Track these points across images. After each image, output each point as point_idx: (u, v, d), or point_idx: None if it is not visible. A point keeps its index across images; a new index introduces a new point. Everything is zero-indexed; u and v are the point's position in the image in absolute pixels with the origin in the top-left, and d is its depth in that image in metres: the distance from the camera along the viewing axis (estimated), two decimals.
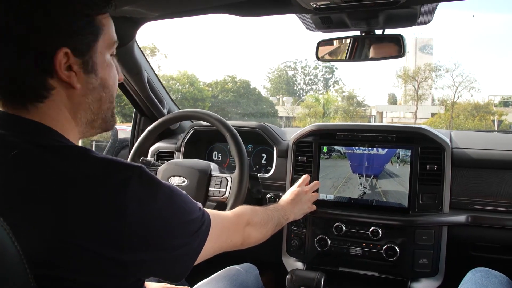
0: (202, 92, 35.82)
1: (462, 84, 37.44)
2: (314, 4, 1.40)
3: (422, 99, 40.27)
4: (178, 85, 35.40)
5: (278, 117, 42.08)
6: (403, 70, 42.14)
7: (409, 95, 42.30)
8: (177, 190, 0.88)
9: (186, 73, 36.14)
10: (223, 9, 1.60)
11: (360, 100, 45.32)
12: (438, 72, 39.24)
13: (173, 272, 0.89)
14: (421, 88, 39.28)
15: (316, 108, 38.72)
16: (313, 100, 40.62)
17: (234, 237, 1.13)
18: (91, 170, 0.75)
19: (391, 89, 74.68)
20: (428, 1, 1.42)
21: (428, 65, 39.87)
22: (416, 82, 38.93)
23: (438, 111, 37.93)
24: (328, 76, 50.48)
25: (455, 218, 1.61)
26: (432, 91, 42.20)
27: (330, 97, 42.17)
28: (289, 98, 45.40)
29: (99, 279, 0.74)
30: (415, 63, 46.64)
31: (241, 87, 40.46)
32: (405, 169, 1.65)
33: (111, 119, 0.95)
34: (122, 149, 2.55)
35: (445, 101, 39.38)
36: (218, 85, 40.11)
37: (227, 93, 39.34)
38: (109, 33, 0.88)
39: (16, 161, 0.74)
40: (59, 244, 0.70)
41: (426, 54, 50.00)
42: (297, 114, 40.44)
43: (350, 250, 1.70)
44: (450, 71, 38.20)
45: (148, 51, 36.35)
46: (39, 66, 0.79)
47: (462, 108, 35.06)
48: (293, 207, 1.53)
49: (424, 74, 39.27)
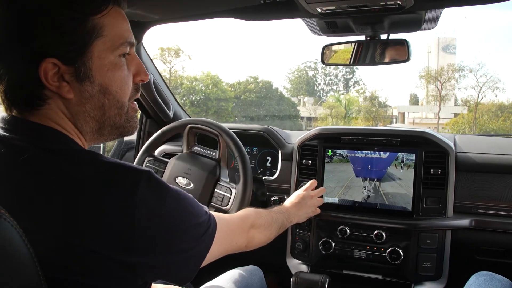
0: (225, 93, 35.99)
1: (486, 84, 36.95)
2: (320, 9, 1.41)
3: (445, 100, 39.82)
4: (201, 86, 35.53)
5: (300, 117, 42.06)
6: (426, 70, 41.79)
7: (431, 96, 41.88)
8: (184, 194, 0.88)
9: (209, 74, 36.29)
10: (229, 14, 1.62)
11: (383, 100, 44.95)
12: (462, 72, 38.80)
13: (180, 274, 0.89)
14: (444, 88, 38.76)
15: (338, 109, 38.82)
16: (334, 101, 40.57)
17: (239, 239, 1.14)
18: (100, 175, 0.76)
19: (413, 89, 74.10)
20: (433, 6, 1.43)
21: (451, 65, 39.40)
22: (439, 83, 38.49)
23: (461, 112, 37.43)
24: (348, 77, 50.07)
25: (459, 222, 1.61)
26: (455, 92, 41.74)
27: (351, 97, 42.11)
28: (310, 99, 45.19)
29: (107, 282, 0.75)
30: (437, 63, 46.19)
31: (264, 87, 40.43)
32: (409, 173, 1.65)
33: (127, 125, 0.90)
34: (128, 151, 2.56)
35: (468, 102, 38.92)
36: (240, 85, 40.07)
37: (249, 94, 39.25)
38: (113, 34, 0.82)
39: (26, 165, 0.74)
40: (69, 248, 0.71)
41: (449, 53, 49.33)
42: (319, 114, 40.43)
43: (354, 253, 1.71)
44: (474, 71, 37.66)
45: (173, 52, 36.40)
46: (29, 77, 0.77)
47: (486, 109, 34.62)
48: (298, 210, 1.53)
49: (447, 75, 38.80)
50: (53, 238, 0.71)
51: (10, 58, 0.78)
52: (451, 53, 49.71)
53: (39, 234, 0.70)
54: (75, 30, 0.77)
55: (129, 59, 0.88)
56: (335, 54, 1.74)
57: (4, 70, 0.79)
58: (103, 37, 0.80)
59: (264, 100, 39.54)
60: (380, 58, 1.65)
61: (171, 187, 0.84)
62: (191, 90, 35.79)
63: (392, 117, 44.97)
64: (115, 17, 0.83)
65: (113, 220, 0.73)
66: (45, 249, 0.69)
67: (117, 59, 0.84)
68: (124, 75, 0.86)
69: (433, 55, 49.93)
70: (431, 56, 50.40)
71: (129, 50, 0.87)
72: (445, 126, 34.35)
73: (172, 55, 36.25)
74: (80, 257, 0.72)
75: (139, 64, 0.91)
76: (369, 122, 36.99)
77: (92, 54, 0.80)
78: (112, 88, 0.84)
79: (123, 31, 0.85)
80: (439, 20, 1.59)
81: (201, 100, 35.48)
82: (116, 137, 0.93)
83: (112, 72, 0.83)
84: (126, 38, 0.85)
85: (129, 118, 0.91)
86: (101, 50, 0.81)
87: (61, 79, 0.79)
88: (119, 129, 0.90)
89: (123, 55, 0.85)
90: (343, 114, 38.22)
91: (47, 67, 0.77)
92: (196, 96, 35.99)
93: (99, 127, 0.87)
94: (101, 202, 0.73)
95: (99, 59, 0.81)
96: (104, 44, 0.81)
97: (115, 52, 0.83)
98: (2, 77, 0.79)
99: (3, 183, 0.75)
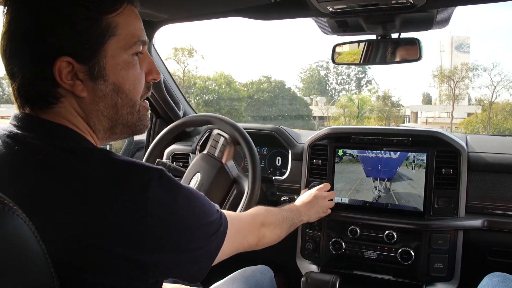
0: (238, 92, 36.34)
1: (500, 84, 36.75)
2: (331, 8, 1.41)
3: (459, 99, 39.68)
4: (214, 85, 35.82)
5: (312, 117, 42.15)
6: (439, 70, 41.64)
7: (445, 95, 41.77)
8: (196, 193, 0.88)
9: (222, 74, 36.67)
10: (239, 13, 1.62)
11: (395, 100, 44.93)
12: (476, 71, 38.59)
13: (191, 273, 0.89)
14: (458, 87, 38.63)
15: (350, 108, 38.93)
16: (347, 100, 40.62)
17: (250, 237, 1.13)
18: (113, 173, 0.76)
19: (426, 89, 73.90)
20: (445, 4, 1.42)
21: (465, 65, 39.20)
22: (452, 82, 38.36)
23: (475, 111, 37.30)
24: (360, 76, 50.01)
25: (471, 223, 1.60)
26: (469, 91, 41.63)
27: (364, 97, 42.15)
28: (322, 98, 45.30)
29: (119, 280, 0.75)
30: (451, 62, 46.02)
31: (276, 87, 40.66)
32: (420, 172, 1.64)
33: (139, 123, 0.91)
34: (138, 151, 2.58)
35: (482, 101, 38.76)
36: (253, 85, 40.33)
37: (262, 93, 39.52)
38: (127, 32, 0.82)
39: (39, 163, 0.75)
40: (81, 246, 0.71)
41: (463, 52, 49.10)
42: (331, 114, 40.56)
43: (364, 253, 1.70)
44: (488, 70, 37.45)
45: (186, 52, 36.78)
46: (43, 75, 0.78)
47: (501, 108, 34.40)
48: (309, 210, 1.53)
49: (461, 74, 38.64)
50: (65, 236, 0.71)
51: (24, 56, 0.78)
52: (465, 52, 49.50)
53: (52, 232, 0.70)
54: (89, 29, 0.78)
55: (141, 58, 0.88)
56: (346, 53, 1.73)
57: (17, 68, 0.79)
58: (117, 35, 0.81)
59: (277, 99, 39.74)
60: (391, 57, 1.64)
61: (183, 185, 0.84)
62: (204, 90, 36.12)
63: (405, 116, 44.91)
64: (128, 16, 0.83)
65: (125, 218, 0.73)
66: (57, 247, 0.69)
67: (130, 58, 0.84)
68: (137, 74, 0.86)
69: (446, 54, 49.74)
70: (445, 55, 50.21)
71: (142, 49, 0.87)
72: (458, 125, 34.24)
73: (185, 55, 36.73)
74: (92, 256, 0.72)
75: (151, 63, 0.91)
76: (382, 122, 37.07)
77: (106, 53, 0.80)
78: (125, 87, 0.84)
79: (137, 30, 0.85)
80: (451, 18, 1.58)
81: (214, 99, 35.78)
82: (128, 136, 0.93)
83: (125, 71, 0.84)
84: (139, 37, 0.85)
85: (141, 116, 0.91)
86: (115, 49, 0.81)
87: (75, 78, 0.79)
88: (131, 127, 0.90)
89: (136, 54, 0.86)
90: (355, 114, 38.30)
91: (61, 65, 0.77)
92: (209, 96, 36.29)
93: (112, 126, 0.87)
94: (113, 200, 0.73)
95: (112, 57, 0.81)
96: (118, 43, 0.81)
97: (128, 51, 0.83)
98: (15, 75, 0.80)
99: (16, 180, 0.75)
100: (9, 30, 0.78)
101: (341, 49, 1.73)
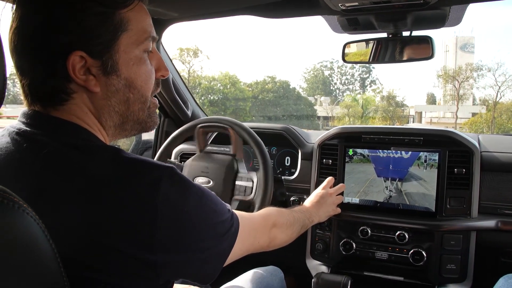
0: (243, 92, 36.62)
1: (505, 84, 36.97)
2: (342, 5, 1.39)
3: (463, 99, 39.89)
4: (220, 86, 36.06)
5: (316, 117, 42.30)
6: (443, 70, 41.84)
7: (449, 95, 41.92)
8: (207, 192, 0.87)
9: (227, 74, 36.91)
10: (249, 11, 1.60)
11: (400, 100, 45.08)
12: (480, 71, 38.82)
13: (202, 274, 0.87)
14: (462, 88, 38.90)
15: (355, 108, 39.09)
16: (351, 100, 40.78)
17: (261, 238, 1.12)
18: (122, 171, 0.75)
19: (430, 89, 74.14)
20: (458, 2, 1.40)
21: (470, 65, 39.39)
22: (457, 82, 38.54)
23: (479, 111, 37.48)
24: (364, 76, 50.14)
25: (484, 223, 1.57)
26: (473, 91, 41.87)
27: (368, 97, 42.28)
28: (326, 98, 45.58)
29: (129, 280, 0.74)
30: (455, 62, 46.13)
31: (281, 87, 40.85)
32: (432, 172, 1.62)
33: (149, 120, 0.91)
34: (146, 150, 2.57)
35: (486, 101, 38.92)
36: (258, 85, 40.55)
37: (267, 93, 39.73)
38: (138, 28, 0.83)
39: (47, 160, 0.74)
40: (91, 245, 0.70)
41: (467, 52, 49.12)
42: (336, 114, 40.76)
43: (375, 254, 1.68)
44: (493, 70, 37.78)
45: (191, 52, 37.04)
46: (56, 70, 0.77)
47: (505, 108, 34.56)
48: (318, 210, 1.51)
49: (465, 74, 38.87)
50: (74, 235, 0.70)
51: (36, 52, 0.78)
52: (470, 52, 49.47)
53: (61, 230, 0.69)
54: (102, 24, 0.78)
55: (150, 55, 0.88)
56: (356, 51, 1.71)
57: (28, 65, 0.79)
58: (128, 31, 0.81)
59: (281, 99, 39.93)
60: (402, 56, 1.62)
61: (194, 184, 0.83)
62: (209, 90, 36.39)
63: (409, 116, 44.90)
64: (139, 11, 0.84)
65: (135, 217, 0.72)
66: (66, 245, 0.68)
67: (141, 54, 0.85)
68: (148, 70, 0.87)
69: (451, 54, 49.75)
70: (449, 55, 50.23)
71: (152, 46, 0.88)
72: (463, 125, 34.32)
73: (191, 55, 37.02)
74: (102, 255, 0.71)
75: (159, 59, 0.92)
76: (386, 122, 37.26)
77: (119, 48, 0.80)
78: (137, 83, 0.85)
79: (147, 26, 0.85)
80: (463, 16, 1.55)
81: (219, 99, 36.02)
82: (138, 132, 0.93)
83: (137, 66, 0.84)
84: (150, 33, 0.86)
85: (151, 113, 0.91)
86: (127, 44, 0.82)
87: (87, 73, 0.79)
88: (141, 124, 0.90)
89: (146, 51, 0.86)
90: (360, 114, 38.38)
91: (74, 60, 0.77)
92: (215, 96, 36.54)
93: (122, 122, 0.87)
94: (123, 199, 0.72)
95: (125, 53, 0.82)
96: (129, 38, 0.82)
97: (140, 47, 0.84)
98: (26, 72, 0.79)
99: (26, 178, 0.74)
100: (19, 26, 0.77)
101: (351, 47, 1.71)
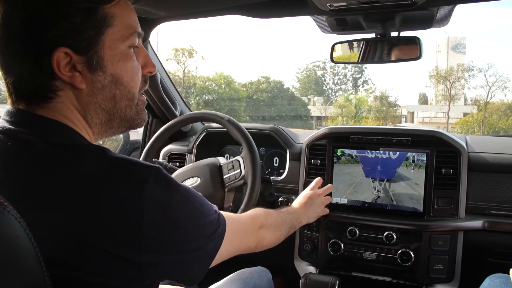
0: (238, 93, 36.69)
1: (495, 84, 37.24)
2: (331, 5, 1.39)
3: (455, 99, 40.16)
4: (214, 86, 36.17)
5: (310, 117, 42.45)
6: (435, 70, 42.25)
7: (441, 95, 42.27)
8: (194, 192, 0.86)
9: (222, 74, 36.96)
10: (237, 11, 1.60)
11: (393, 100, 45.25)
12: (471, 72, 39.15)
13: (188, 275, 0.87)
14: (454, 88, 39.23)
15: (348, 108, 39.37)
16: (344, 100, 41.07)
17: (249, 239, 1.11)
18: (108, 170, 0.74)
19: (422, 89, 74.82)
20: (445, 3, 1.40)
21: (461, 66, 39.71)
22: (448, 82, 38.93)
23: (470, 111, 37.91)
24: (357, 76, 50.02)
25: (471, 223, 1.58)
26: (465, 91, 42.25)
27: (362, 97, 42.62)
28: (319, 98, 45.68)
29: (114, 280, 0.73)
30: (447, 62, 46.48)
31: (275, 87, 40.95)
32: (420, 173, 1.62)
33: (136, 117, 0.91)
34: (134, 150, 2.55)
35: (477, 101, 39.31)
36: (252, 85, 40.60)
37: (261, 94, 39.82)
38: (123, 23, 0.82)
39: (32, 160, 0.73)
40: (76, 245, 0.69)
41: (459, 53, 49.41)
42: (329, 114, 40.99)
43: (363, 254, 1.68)
44: (483, 71, 38.03)
45: (186, 53, 37.00)
46: (40, 68, 0.76)
47: (496, 108, 35.01)
48: (306, 210, 1.51)
49: (457, 75, 39.23)
50: (59, 235, 0.69)
51: (21, 49, 0.77)
52: (461, 52, 49.86)
53: (45, 230, 0.69)
54: (86, 19, 0.77)
55: (137, 51, 0.88)
56: (345, 52, 1.71)
57: (13, 62, 0.78)
58: (113, 26, 0.81)
59: (275, 99, 40.10)
60: (391, 56, 1.63)
61: (180, 184, 0.82)
62: (204, 90, 36.49)
63: (401, 116, 45.25)
64: (124, 7, 0.84)
65: (121, 217, 0.71)
66: (50, 245, 0.68)
67: (127, 50, 0.85)
68: (134, 66, 0.87)
69: (442, 55, 50.14)
70: (441, 55, 50.61)
71: (138, 42, 0.87)
72: (454, 125, 34.79)
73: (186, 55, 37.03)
74: (87, 255, 0.70)
75: (146, 55, 0.91)
76: (379, 122, 37.65)
77: (104, 44, 0.80)
78: (124, 79, 0.84)
79: (132, 21, 0.85)
80: (451, 17, 1.56)
81: (214, 100, 36.15)
82: (125, 130, 0.92)
83: (123, 62, 0.84)
84: (135, 28, 0.85)
85: (139, 110, 0.91)
86: (112, 40, 0.81)
87: (73, 69, 0.78)
88: (128, 121, 0.90)
89: (132, 47, 0.86)
90: (353, 114, 38.70)
91: (59, 56, 0.76)
92: (209, 96, 36.64)
93: (109, 119, 0.87)
94: (108, 198, 0.71)
95: (110, 49, 0.81)
96: (114, 34, 0.81)
97: (125, 42, 0.83)
98: (11, 70, 0.79)
99: (9, 176, 0.73)
100: (2, 23, 0.76)
101: (339, 47, 1.71)
